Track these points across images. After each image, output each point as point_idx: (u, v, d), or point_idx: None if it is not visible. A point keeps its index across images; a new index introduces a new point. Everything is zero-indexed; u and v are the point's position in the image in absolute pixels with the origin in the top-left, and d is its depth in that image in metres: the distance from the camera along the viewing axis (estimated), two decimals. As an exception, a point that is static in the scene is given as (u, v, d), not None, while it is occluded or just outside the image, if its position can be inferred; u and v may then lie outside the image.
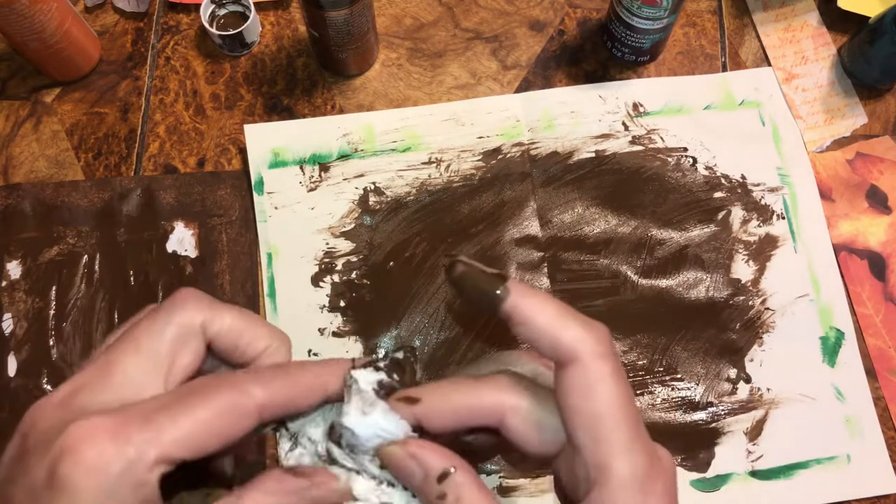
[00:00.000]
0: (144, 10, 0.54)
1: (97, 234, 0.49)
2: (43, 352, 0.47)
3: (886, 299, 0.49)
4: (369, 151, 0.51)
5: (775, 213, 0.51)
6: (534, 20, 0.55)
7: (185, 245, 0.49)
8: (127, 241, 0.49)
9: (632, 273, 0.49)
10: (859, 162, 0.52)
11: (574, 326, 0.24)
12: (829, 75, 0.54)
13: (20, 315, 0.48)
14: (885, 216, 0.51)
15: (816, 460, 0.46)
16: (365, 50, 0.52)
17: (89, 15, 0.55)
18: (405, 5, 0.55)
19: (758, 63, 0.55)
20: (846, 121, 0.53)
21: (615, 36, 0.52)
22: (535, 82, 0.54)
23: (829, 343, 0.48)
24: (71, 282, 0.49)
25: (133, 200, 0.50)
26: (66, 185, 0.50)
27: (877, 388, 0.47)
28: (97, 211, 0.50)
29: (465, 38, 0.55)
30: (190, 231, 0.50)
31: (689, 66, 0.54)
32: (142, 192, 0.50)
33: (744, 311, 0.48)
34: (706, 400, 0.47)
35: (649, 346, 0.48)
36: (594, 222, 0.50)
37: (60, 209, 0.50)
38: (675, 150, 0.51)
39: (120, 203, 0.50)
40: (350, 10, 0.46)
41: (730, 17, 0.56)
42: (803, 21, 0.56)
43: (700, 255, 0.49)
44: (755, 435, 0.46)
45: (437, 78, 0.54)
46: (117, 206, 0.50)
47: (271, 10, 0.55)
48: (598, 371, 0.24)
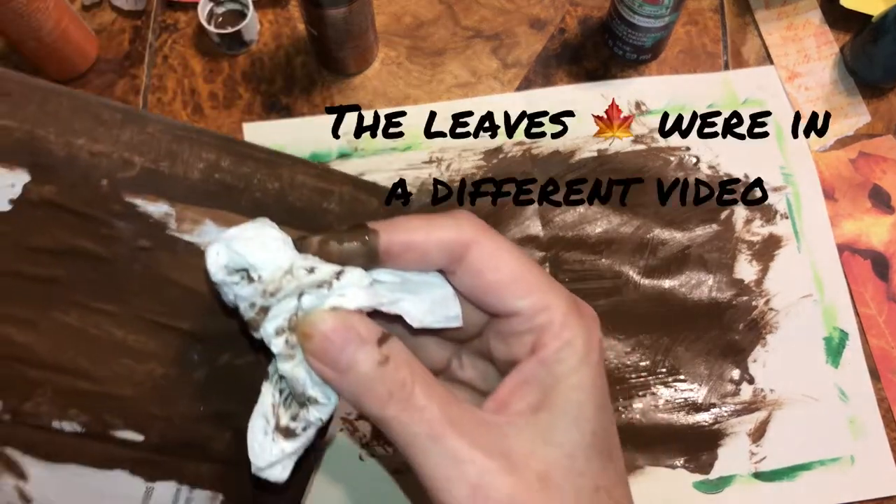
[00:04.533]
0: (142, 8, 0.54)
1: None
2: None
3: (889, 299, 0.49)
4: (369, 151, 0.50)
5: (778, 212, 0.50)
6: (535, 18, 0.55)
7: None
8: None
9: (634, 273, 0.49)
10: (862, 161, 0.52)
11: (444, 224, 0.25)
12: (831, 74, 0.54)
13: None
14: (888, 216, 0.51)
15: (820, 461, 0.45)
16: (364, 48, 0.51)
17: (86, 13, 0.54)
18: (405, 3, 0.55)
19: (760, 62, 0.54)
20: (849, 120, 0.53)
21: (617, 34, 0.52)
22: (535, 81, 0.53)
23: (833, 344, 0.48)
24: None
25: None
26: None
27: (880, 389, 0.47)
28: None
29: (465, 37, 0.54)
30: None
31: (690, 64, 0.54)
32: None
33: (747, 312, 0.48)
34: (709, 401, 0.46)
35: (652, 346, 0.47)
36: (596, 222, 0.50)
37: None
38: (678, 149, 0.51)
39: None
40: (349, 9, 0.46)
41: (732, 16, 0.56)
42: (806, 19, 0.55)
43: (703, 255, 0.49)
44: (758, 436, 0.46)
45: (437, 76, 0.53)
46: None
47: (270, 8, 0.54)
48: (490, 243, 0.25)
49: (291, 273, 0.24)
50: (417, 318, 0.25)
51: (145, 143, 0.33)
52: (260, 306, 0.25)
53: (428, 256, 0.26)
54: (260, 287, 0.25)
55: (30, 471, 0.34)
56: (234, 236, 0.25)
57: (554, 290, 0.25)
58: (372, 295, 0.24)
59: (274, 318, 0.25)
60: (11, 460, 0.34)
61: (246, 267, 0.25)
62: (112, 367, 0.34)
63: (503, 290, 0.25)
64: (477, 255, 0.25)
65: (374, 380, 0.23)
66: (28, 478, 0.34)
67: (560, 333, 0.25)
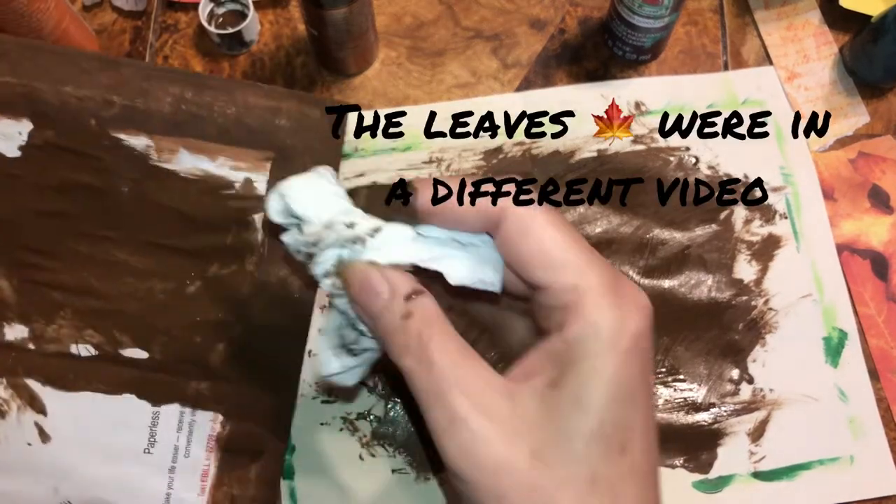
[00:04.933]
0: (142, 8, 0.54)
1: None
2: None
3: (889, 299, 0.49)
4: (369, 151, 0.50)
5: (778, 212, 0.50)
6: (534, 19, 0.55)
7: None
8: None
9: (634, 273, 0.49)
10: (861, 161, 0.52)
11: (483, 188, 0.27)
12: (831, 74, 0.54)
13: None
14: (888, 216, 0.51)
15: (819, 461, 0.46)
16: (364, 49, 0.51)
17: (87, 13, 0.54)
18: (405, 4, 0.55)
19: (759, 62, 0.54)
20: (848, 120, 0.53)
21: (616, 34, 0.52)
22: (535, 81, 0.53)
23: (833, 343, 0.48)
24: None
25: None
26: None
27: (879, 389, 0.47)
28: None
29: (465, 37, 0.54)
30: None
31: (690, 64, 0.54)
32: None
33: (746, 312, 0.48)
34: (709, 401, 0.47)
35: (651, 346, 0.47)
36: (596, 222, 0.50)
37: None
38: (677, 150, 0.51)
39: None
40: (349, 9, 0.46)
41: (731, 16, 0.56)
42: (805, 20, 0.55)
43: (702, 255, 0.49)
44: (758, 436, 0.46)
45: (437, 77, 0.53)
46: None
47: (270, 8, 0.54)
48: (525, 212, 0.26)
49: (331, 227, 0.26)
50: (455, 277, 0.26)
51: (121, 85, 0.38)
52: (305, 253, 0.27)
53: (465, 219, 0.27)
54: (302, 238, 0.27)
55: (49, 404, 0.38)
56: (290, 186, 0.27)
57: (591, 270, 0.25)
58: (409, 252, 0.26)
59: (320, 264, 0.27)
60: (33, 393, 0.38)
61: (296, 216, 0.27)
62: (119, 287, 0.39)
63: (531, 261, 0.26)
64: (511, 223, 0.26)
65: (396, 331, 0.25)
66: (47, 413, 0.38)
67: (587, 315, 0.24)
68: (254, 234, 0.39)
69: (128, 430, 0.39)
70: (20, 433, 0.38)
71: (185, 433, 0.39)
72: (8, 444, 0.38)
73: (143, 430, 0.39)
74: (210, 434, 0.39)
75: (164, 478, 0.39)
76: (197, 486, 0.39)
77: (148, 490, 0.39)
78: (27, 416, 0.38)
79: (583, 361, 0.24)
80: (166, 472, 0.39)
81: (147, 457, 0.39)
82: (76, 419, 0.38)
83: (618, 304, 0.25)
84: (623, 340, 0.24)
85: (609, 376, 0.24)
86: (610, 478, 0.24)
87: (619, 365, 0.24)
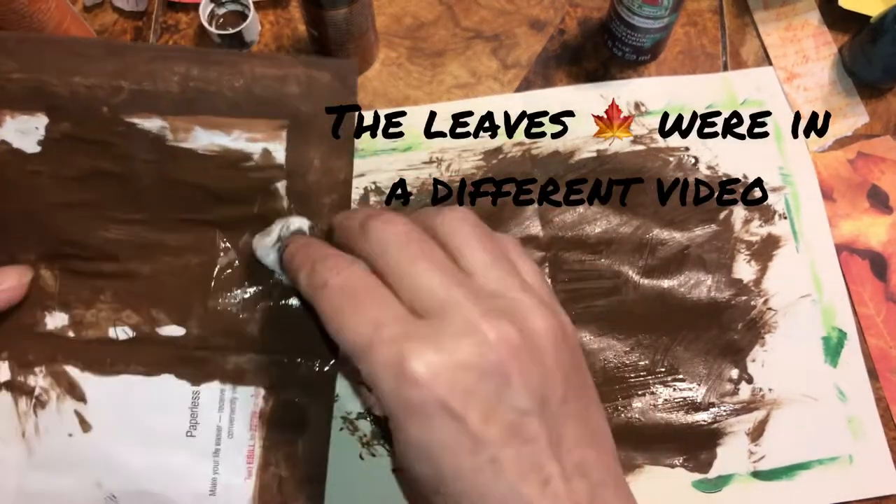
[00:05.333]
0: (143, 9, 0.54)
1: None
2: None
3: (888, 299, 0.49)
4: (369, 151, 0.51)
5: (777, 212, 0.50)
6: (534, 19, 0.55)
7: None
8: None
9: (633, 273, 0.49)
10: (860, 162, 0.52)
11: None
12: (830, 75, 0.54)
13: None
14: (887, 216, 0.51)
15: (819, 461, 0.46)
16: (364, 49, 0.51)
17: (88, 14, 0.54)
18: (405, 4, 0.55)
19: (759, 62, 0.55)
20: (847, 120, 0.53)
21: (616, 35, 0.52)
22: (535, 82, 0.53)
23: (832, 343, 0.48)
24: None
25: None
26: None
27: (878, 389, 0.47)
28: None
29: (465, 38, 0.55)
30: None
31: (690, 65, 0.54)
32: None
33: (746, 312, 0.48)
34: (708, 400, 0.47)
35: (651, 346, 0.47)
36: (595, 222, 0.50)
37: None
38: (677, 150, 0.51)
39: None
40: (349, 9, 0.46)
41: (731, 17, 0.56)
42: (804, 20, 0.56)
43: (702, 255, 0.49)
44: (757, 435, 0.46)
45: (438, 77, 0.53)
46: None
47: (270, 9, 0.55)
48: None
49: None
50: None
51: (126, 69, 0.38)
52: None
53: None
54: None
55: (88, 391, 0.38)
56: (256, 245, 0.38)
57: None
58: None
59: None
60: (72, 380, 0.38)
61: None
62: (156, 265, 0.39)
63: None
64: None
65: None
66: (87, 400, 0.38)
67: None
68: (279, 201, 0.39)
69: (168, 412, 0.38)
70: (60, 423, 0.37)
71: (227, 412, 0.38)
72: (49, 436, 0.37)
73: (184, 411, 0.38)
74: (253, 411, 0.38)
75: (210, 462, 0.38)
76: (243, 469, 0.38)
77: (194, 477, 0.37)
78: (67, 404, 0.38)
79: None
80: (210, 455, 0.38)
81: (190, 440, 0.38)
82: (116, 405, 0.38)
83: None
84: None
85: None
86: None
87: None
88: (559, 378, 0.27)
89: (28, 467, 0.37)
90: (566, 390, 0.27)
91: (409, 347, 0.26)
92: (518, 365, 0.26)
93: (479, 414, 0.25)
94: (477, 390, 0.26)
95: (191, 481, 0.37)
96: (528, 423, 0.26)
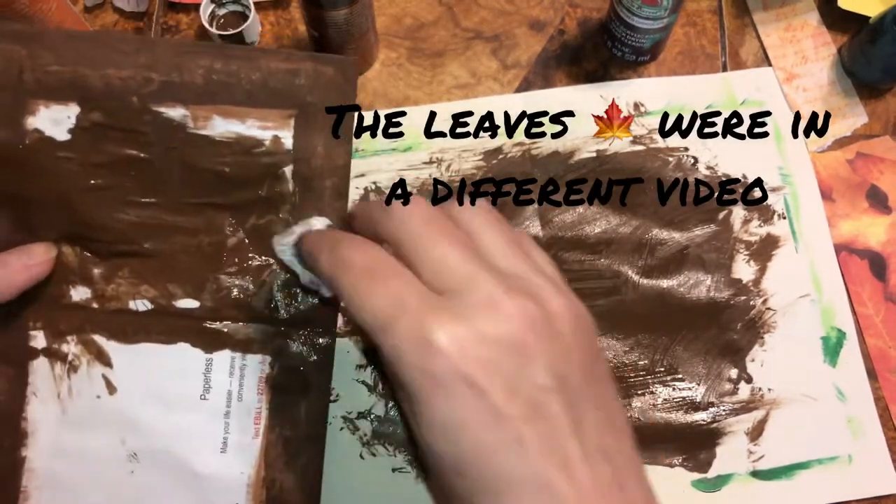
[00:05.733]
0: (144, 9, 0.54)
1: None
2: None
3: (887, 299, 0.49)
4: (369, 151, 0.51)
5: (776, 212, 0.50)
6: (534, 20, 0.55)
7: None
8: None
9: (633, 273, 0.49)
10: (860, 162, 0.52)
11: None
12: (829, 75, 0.54)
13: None
14: (886, 216, 0.51)
15: (818, 460, 0.46)
16: (365, 49, 0.51)
17: (89, 15, 0.54)
18: (405, 5, 0.55)
19: (758, 63, 0.55)
20: (847, 120, 0.53)
21: (615, 35, 0.52)
22: (535, 82, 0.53)
23: (831, 343, 0.48)
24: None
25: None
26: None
27: (877, 388, 0.47)
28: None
29: (465, 38, 0.55)
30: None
31: (689, 65, 0.54)
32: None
33: (745, 312, 0.48)
34: (707, 400, 0.47)
35: (650, 346, 0.48)
36: (595, 222, 0.50)
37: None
38: (676, 150, 0.51)
39: None
40: (350, 10, 0.46)
41: (730, 17, 0.56)
42: (803, 20, 0.56)
43: (701, 255, 0.49)
44: (756, 435, 0.46)
45: (438, 77, 0.53)
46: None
47: (271, 9, 0.55)
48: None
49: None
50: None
51: (157, 62, 0.41)
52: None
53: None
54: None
55: (114, 357, 0.42)
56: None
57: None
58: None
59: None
60: (100, 348, 0.42)
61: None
62: (170, 245, 0.42)
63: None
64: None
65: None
66: (113, 365, 0.42)
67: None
68: (286, 185, 0.43)
69: (184, 377, 0.42)
70: (90, 386, 0.41)
71: (238, 377, 0.42)
72: (80, 397, 0.41)
73: (198, 376, 0.42)
74: (260, 377, 0.42)
75: (221, 423, 0.42)
76: (251, 429, 0.42)
77: (206, 436, 0.41)
78: (96, 369, 0.41)
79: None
80: (222, 416, 0.42)
81: (203, 403, 0.42)
82: (138, 370, 0.42)
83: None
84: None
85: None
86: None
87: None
88: (577, 360, 0.27)
89: (62, 425, 0.41)
90: (584, 374, 0.27)
91: (433, 319, 0.25)
92: (538, 342, 0.26)
93: (501, 388, 0.25)
94: (500, 363, 0.25)
95: (204, 440, 0.41)
96: (550, 401, 0.26)
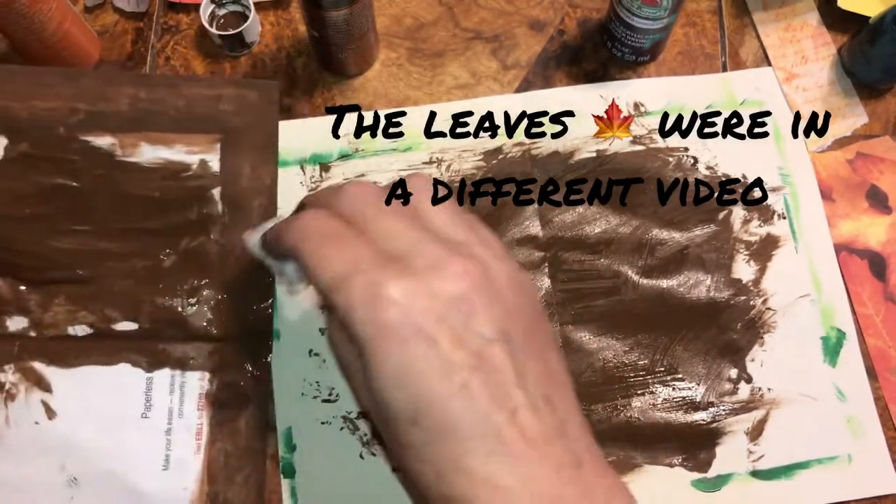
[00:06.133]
0: (144, 9, 0.54)
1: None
2: None
3: (887, 299, 0.49)
4: (370, 151, 0.51)
5: (776, 212, 0.51)
6: (534, 20, 0.55)
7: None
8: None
9: (633, 273, 0.49)
10: (860, 162, 0.52)
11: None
12: (829, 75, 0.54)
13: None
14: (886, 216, 0.51)
15: (818, 460, 0.46)
16: (365, 50, 0.51)
17: (89, 15, 0.54)
18: (405, 5, 0.55)
19: (758, 63, 0.55)
20: (847, 120, 0.53)
21: (615, 36, 0.52)
22: (535, 82, 0.54)
23: (831, 343, 0.48)
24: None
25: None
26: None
27: (877, 388, 0.47)
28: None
29: (465, 38, 0.55)
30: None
31: (689, 65, 0.54)
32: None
33: (745, 311, 0.48)
34: (707, 400, 0.47)
35: (650, 346, 0.48)
36: (595, 222, 0.50)
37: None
38: (676, 150, 0.51)
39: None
40: (350, 10, 0.46)
41: (730, 17, 0.56)
42: (803, 21, 0.56)
43: (701, 255, 0.49)
44: (756, 435, 0.46)
45: (438, 78, 0.53)
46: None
47: (271, 9, 0.55)
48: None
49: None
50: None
51: (83, 93, 0.43)
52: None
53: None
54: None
55: (53, 382, 0.42)
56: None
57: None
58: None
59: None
60: (39, 375, 0.42)
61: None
62: (104, 271, 0.43)
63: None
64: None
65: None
66: (52, 390, 0.42)
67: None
68: (214, 206, 0.45)
69: (125, 397, 0.43)
70: (28, 413, 0.42)
71: (178, 395, 0.43)
72: (17, 426, 0.41)
73: (139, 396, 0.43)
74: (200, 393, 0.43)
75: (162, 439, 0.42)
76: (192, 445, 0.43)
77: (148, 454, 0.42)
78: (35, 395, 0.42)
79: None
80: (163, 433, 0.42)
81: (144, 421, 0.42)
82: (79, 393, 0.42)
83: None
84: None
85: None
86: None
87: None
88: (518, 318, 0.29)
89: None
90: (525, 333, 0.29)
91: (384, 276, 0.27)
92: (481, 299, 0.28)
93: (449, 338, 0.27)
94: (447, 316, 0.27)
95: (146, 458, 0.42)
96: (494, 352, 0.27)
